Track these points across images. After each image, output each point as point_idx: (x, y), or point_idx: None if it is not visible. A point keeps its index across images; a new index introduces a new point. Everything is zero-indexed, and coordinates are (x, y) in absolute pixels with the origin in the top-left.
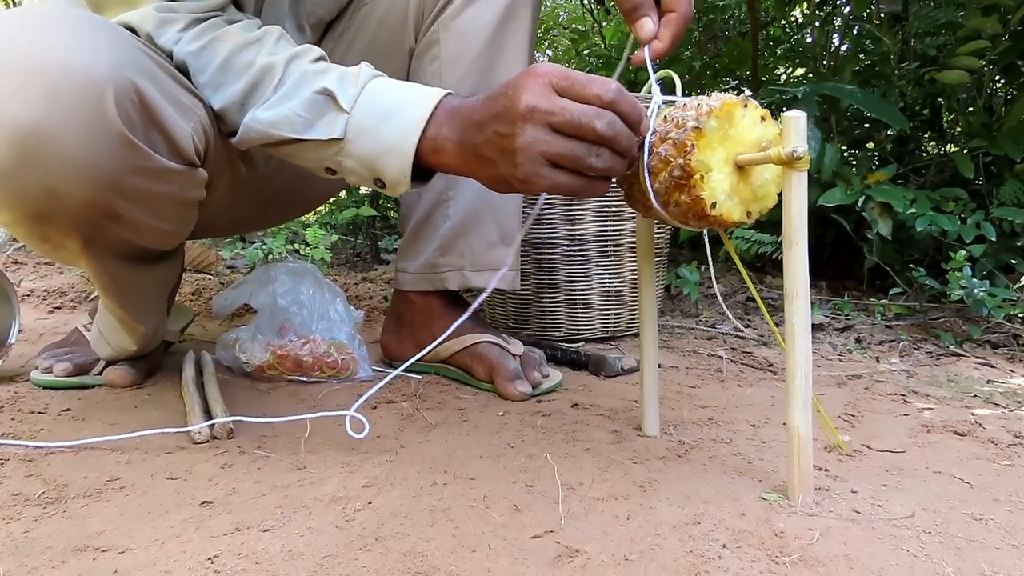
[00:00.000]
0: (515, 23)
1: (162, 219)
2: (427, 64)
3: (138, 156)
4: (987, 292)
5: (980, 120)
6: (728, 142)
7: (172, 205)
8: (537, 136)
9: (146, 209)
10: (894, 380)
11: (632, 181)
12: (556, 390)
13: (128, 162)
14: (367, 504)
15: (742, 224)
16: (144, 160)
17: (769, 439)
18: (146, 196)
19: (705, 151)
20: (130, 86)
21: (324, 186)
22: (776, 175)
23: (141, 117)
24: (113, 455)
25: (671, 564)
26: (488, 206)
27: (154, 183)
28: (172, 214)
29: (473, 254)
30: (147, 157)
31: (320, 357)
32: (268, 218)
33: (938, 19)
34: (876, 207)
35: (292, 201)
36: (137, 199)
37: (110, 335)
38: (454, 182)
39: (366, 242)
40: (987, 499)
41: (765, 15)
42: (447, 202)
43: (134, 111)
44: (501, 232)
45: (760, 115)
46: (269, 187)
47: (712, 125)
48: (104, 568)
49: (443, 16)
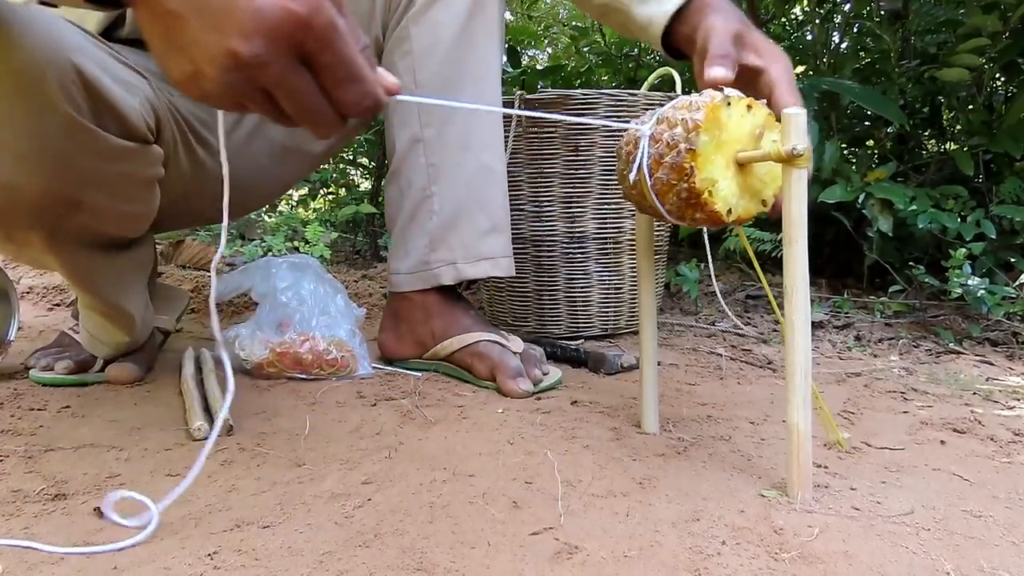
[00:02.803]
0: (483, 14)
1: (124, 201)
2: (399, 59)
3: (89, 138)
4: (987, 290)
5: (980, 118)
6: (724, 146)
7: (132, 185)
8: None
9: (106, 192)
10: (893, 378)
11: (641, 203)
12: (556, 387)
13: (80, 144)
14: (366, 501)
15: (762, 214)
16: (96, 141)
17: (768, 436)
18: (103, 178)
19: (705, 167)
20: (70, 67)
21: (286, 173)
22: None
23: (86, 98)
24: (113, 452)
25: (670, 561)
26: (475, 198)
27: (109, 164)
28: (134, 195)
29: (465, 246)
30: (98, 138)
31: (320, 355)
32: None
33: (938, 16)
34: (876, 204)
35: (256, 188)
36: (94, 182)
37: (100, 333)
38: (436, 177)
39: (366, 239)
40: (986, 496)
41: (765, 12)
42: (431, 198)
43: (78, 92)
44: (491, 221)
45: (746, 104)
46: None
47: (704, 140)
48: (103, 565)
49: (412, 11)
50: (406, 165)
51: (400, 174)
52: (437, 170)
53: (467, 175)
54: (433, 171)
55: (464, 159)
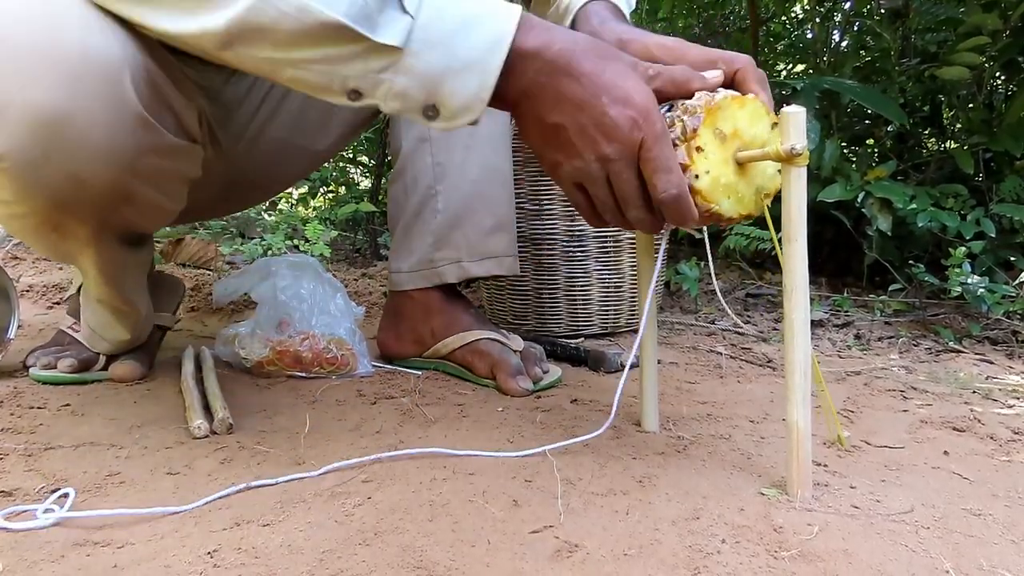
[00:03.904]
0: None
1: (168, 197)
2: None
3: (154, 135)
4: (986, 288)
5: (980, 116)
6: (722, 164)
7: (177, 182)
8: (592, 171)
9: (157, 188)
10: (893, 376)
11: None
12: (556, 386)
13: (145, 142)
14: (366, 499)
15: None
16: (159, 138)
17: (768, 435)
18: (158, 174)
19: (712, 195)
20: (142, 65)
21: (294, 168)
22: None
23: (153, 96)
24: (112, 450)
25: (670, 559)
26: (480, 196)
27: (165, 161)
28: (176, 191)
29: (469, 244)
30: (161, 135)
31: (319, 353)
32: (228, 204)
33: (939, 15)
34: (876, 203)
35: (259, 185)
36: (150, 178)
37: (103, 330)
38: (442, 175)
39: (365, 238)
40: (986, 495)
41: (765, 11)
42: (435, 196)
43: (147, 90)
44: (496, 220)
45: (745, 103)
46: (235, 169)
47: (705, 175)
48: (103, 563)
49: None
50: (412, 163)
51: (405, 172)
52: (443, 168)
53: (473, 174)
54: (439, 170)
55: (470, 157)
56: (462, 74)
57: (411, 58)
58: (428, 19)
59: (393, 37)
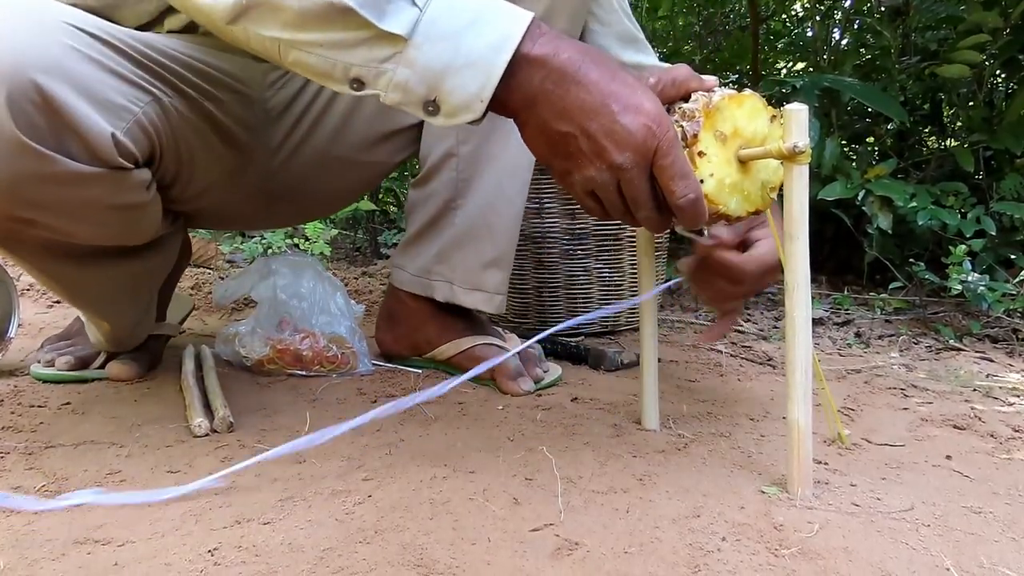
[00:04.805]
0: None
1: (93, 224)
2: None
3: (42, 163)
4: (987, 286)
5: (980, 114)
6: (726, 165)
7: (100, 210)
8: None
9: (65, 215)
10: (893, 374)
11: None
12: (556, 384)
13: (29, 169)
14: (367, 497)
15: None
16: (50, 166)
17: (768, 433)
18: (61, 202)
19: (719, 197)
20: (30, 86)
21: (339, 182)
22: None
23: (48, 120)
24: (113, 448)
25: (670, 557)
26: (488, 224)
27: (69, 189)
28: (105, 219)
29: (465, 270)
30: (54, 163)
31: (320, 351)
32: (274, 216)
33: (939, 13)
34: (876, 201)
35: (301, 197)
36: (50, 206)
37: (90, 329)
38: (464, 190)
39: (365, 237)
40: (986, 492)
41: (766, 9)
42: (455, 210)
43: (37, 113)
44: (497, 253)
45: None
46: (274, 179)
47: (710, 178)
48: (104, 561)
49: None
50: (436, 176)
51: (429, 181)
52: (466, 184)
53: (488, 198)
54: (463, 186)
55: (488, 182)
56: (464, 72)
57: (414, 50)
58: (436, 13)
59: (399, 26)
